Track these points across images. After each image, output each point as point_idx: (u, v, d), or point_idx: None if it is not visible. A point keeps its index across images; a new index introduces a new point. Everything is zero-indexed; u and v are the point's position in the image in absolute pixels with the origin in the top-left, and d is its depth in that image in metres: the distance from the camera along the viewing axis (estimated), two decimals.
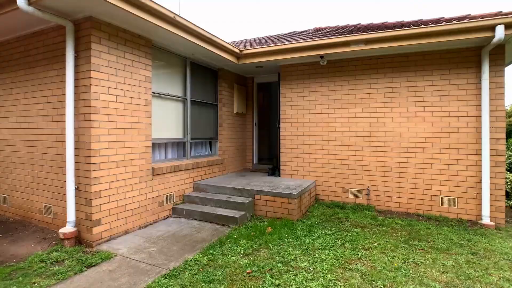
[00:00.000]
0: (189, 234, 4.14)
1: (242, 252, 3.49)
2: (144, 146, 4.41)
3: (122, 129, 4.07)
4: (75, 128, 3.75)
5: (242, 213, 4.59)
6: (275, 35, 8.97)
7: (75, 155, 3.76)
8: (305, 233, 4.11)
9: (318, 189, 5.88)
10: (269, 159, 8.76)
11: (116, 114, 3.97)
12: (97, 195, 3.72)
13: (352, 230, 4.22)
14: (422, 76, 5.08)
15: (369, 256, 3.36)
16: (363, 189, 5.51)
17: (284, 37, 7.33)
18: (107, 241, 3.83)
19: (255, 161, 7.62)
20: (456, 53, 4.83)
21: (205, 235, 4.11)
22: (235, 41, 8.91)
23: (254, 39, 8.67)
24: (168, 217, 4.89)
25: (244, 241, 3.81)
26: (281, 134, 6.24)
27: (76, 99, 3.74)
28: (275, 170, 6.39)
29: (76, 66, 3.74)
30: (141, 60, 4.37)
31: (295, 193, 4.63)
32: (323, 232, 4.13)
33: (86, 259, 3.26)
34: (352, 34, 4.95)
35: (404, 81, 5.21)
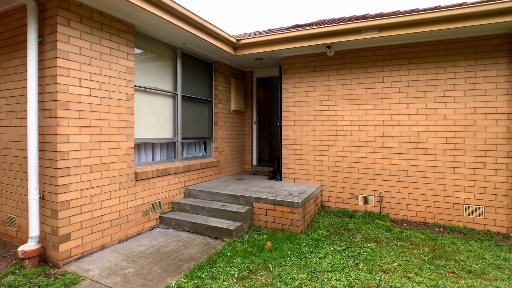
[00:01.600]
0: (176, 249, 3.56)
1: (236, 275, 2.91)
2: (124, 147, 3.83)
3: (98, 127, 3.49)
4: (39, 126, 3.17)
5: (238, 224, 4.01)
6: (276, 28, 8.37)
7: (39, 158, 3.18)
8: (311, 249, 3.52)
9: (324, 195, 5.28)
10: (270, 161, 8.17)
11: (89, 110, 3.39)
12: (65, 206, 3.14)
13: (366, 245, 3.63)
14: (443, 67, 4.46)
15: (389, 282, 2.77)
16: (375, 196, 4.90)
17: (285, 30, 6.71)
18: (78, 259, 3.26)
19: (254, 163, 7.03)
20: (484, 41, 4.22)
21: (194, 251, 3.52)
22: (234, 35, 8.29)
23: (254, 32, 8.06)
24: (154, 227, 4.31)
25: (239, 259, 3.23)
26: (282, 133, 5.65)
27: (41, 92, 3.16)
28: (276, 173, 5.80)
29: (41, 53, 3.16)
30: (122, 48, 3.79)
31: (299, 201, 4.04)
32: (332, 248, 3.54)
33: (46, 285, 2.69)
34: (364, 20, 4.34)
35: (422, 74, 4.60)
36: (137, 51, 4.22)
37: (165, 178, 4.52)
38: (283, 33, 4.85)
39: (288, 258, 3.28)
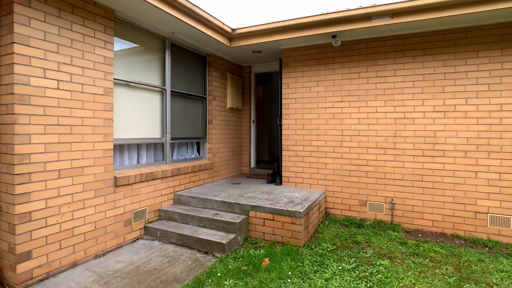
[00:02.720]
0: (159, 268, 3.07)
1: None
2: (101, 148, 3.35)
3: (68, 126, 3.01)
4: None
5: (232, 236, 3.51)
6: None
7: None
8: (315, 267, 3.03)
9: (329, 201, 4.78)
10: (270, 162, 7.68)
11: (57, 105, 2.91)
12: (25, 218, 2.66)
13: (378, 263, 3.13)
14: (464, 59, 3.96)
15: None
16: (386, 202, 4.40)
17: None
18: (41, 280, 2.78)
19: (252, 165, 6.54)
20: None
21: (179, 269, 3.04)
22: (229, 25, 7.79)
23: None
24: (137, 239, 3.83)
25: (231, 281, 2.74)
26: (283, 133, 5.15)
27: None
28: (275, 177, 5.31)
29: None
30: (98, 36, 3.30)
31: (301, 211, 3.55)
32: (340, 266, 3.04)
33: None
34: (374, 5, 3.84)
35: (440, 66, 4.09)
36: (119, 40, 3.74)
37: (151, 183, 4.04)
38: (284, 21, 4.35)
39: (289, 280, 2.79)
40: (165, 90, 4.45)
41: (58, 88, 2.91)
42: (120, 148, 3.89)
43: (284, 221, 3.62)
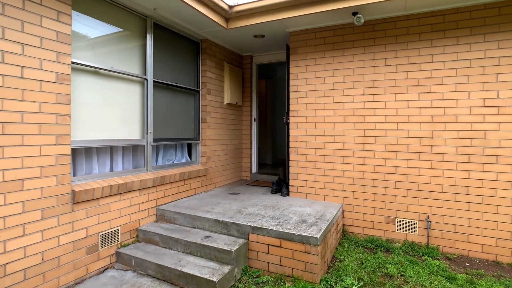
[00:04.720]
0: None
1: None
2: (52, 153, 2.51)
3: None
4: None
5: (226, 270, 2.67)
6: None
7: None
8: None
9: (347, 217, 3.92)
10: (273, 166, 6.84)
11: None
12: None
13: None
14: None
15: None
16: (420, 220, 3.54)
17: None
18: None
19: (253, 170, 5.69)
20: None
21: None
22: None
23: None
24: (107, 268, 2.99)
25: None
26: (290, 133, 4.30)
27: None
28: (282, 186, 4.45)
29: None
30: (46, 3, 2.47)
31: (317, 236, 2.69)
32: None
33: None
34: None
35: (493, 49, 3.22)
36: (83, 16, 2.90)
37: (125, 196, 3.20)
38: None
39: None
40: (146, 80, 3.61)
41: None
42: (86, 152, 3.06)
43: (295, 249, 2.77)
